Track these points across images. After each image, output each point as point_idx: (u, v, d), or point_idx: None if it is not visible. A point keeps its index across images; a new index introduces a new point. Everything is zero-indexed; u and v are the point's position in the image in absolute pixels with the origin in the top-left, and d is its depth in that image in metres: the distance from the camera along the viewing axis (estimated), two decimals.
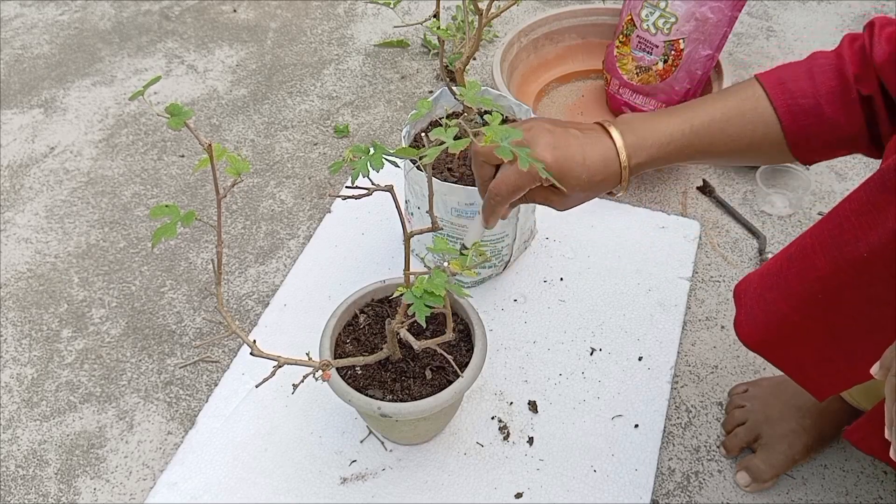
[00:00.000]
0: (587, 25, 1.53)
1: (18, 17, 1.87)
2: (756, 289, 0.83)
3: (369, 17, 1.81)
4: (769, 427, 0.97)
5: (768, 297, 0.81)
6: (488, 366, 1.08)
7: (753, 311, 0.83)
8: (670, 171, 1.37)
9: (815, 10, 1.75)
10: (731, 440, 0.99)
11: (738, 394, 1.03)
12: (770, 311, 0.81)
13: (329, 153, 1.45)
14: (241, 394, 1.07)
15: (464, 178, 1.09)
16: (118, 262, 1.28)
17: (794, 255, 0.78)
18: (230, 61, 1.69)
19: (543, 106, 1.50)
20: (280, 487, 0.97)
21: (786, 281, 0.78)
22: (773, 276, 0.81)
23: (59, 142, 1.51)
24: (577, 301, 1.17)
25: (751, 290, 0.84)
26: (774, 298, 0.80)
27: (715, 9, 1.30)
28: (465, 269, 0.75)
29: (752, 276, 0.85)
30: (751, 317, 0.83)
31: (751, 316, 0.83)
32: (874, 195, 0.68)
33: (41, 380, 1.12)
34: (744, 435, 0.98)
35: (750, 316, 0.83)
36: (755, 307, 0.82)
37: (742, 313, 0.84)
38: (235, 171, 0.66)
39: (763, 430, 0.97)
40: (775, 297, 0.80)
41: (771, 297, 0.81)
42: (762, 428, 0.97)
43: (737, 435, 0.98)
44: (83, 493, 0.99)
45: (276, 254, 1.27)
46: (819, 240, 0.75)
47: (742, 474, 0.96)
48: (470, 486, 0.97)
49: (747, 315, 0.83)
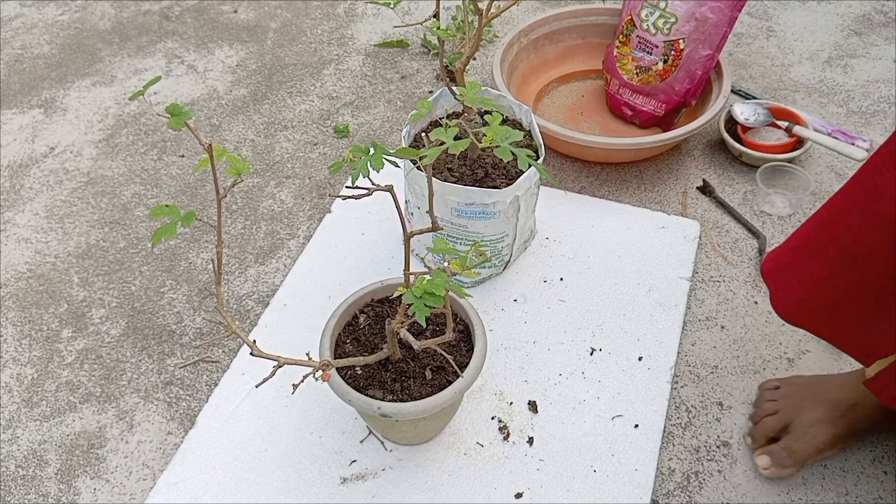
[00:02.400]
0: (587, 25, 1.53)
1: (18, 17, 1.87)
2: (789, 261, 0.80)
3: (369, 17, 1.81)
4: (797, 416, 0.96)
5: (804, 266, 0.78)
6: (488, 366, 1.08)
7: (790, 283, 0.79)
8: (670, 171, 1.37)
9: (815, 10, 1.75)
10: (759, 429, 0.98)
11: (769, 388, 1.02)
12: (808, 280, 0.77)
13: (329, 153, 1.45)
14: (241, 394, 1.07)
15: (464, 178, 1.09)
16: (118, 262, 1.28)
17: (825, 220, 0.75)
18: (230, 61, 1.69)
19: (543, 106, 1.50)
20: (280, 487, 0.97)
21: (822, 246, 0.75)
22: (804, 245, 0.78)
23: (59, 142, 1.51)
24: (577, 301, 1.17)
25: (783, 265, 0.81)
26: (811, 267, 0.77)
27: (715, 9, 1.30)
28: (465, 269, 0.75)
29: (780, 252, 0.81)
30: (787, 291, 0.80)
31: (787, 290, 0.80)
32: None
33: (41, 380, 1.12)
34: (772, 424, 0.97)
35: (787, 290, 0.80)
36: (792, 279, 0.79)
37: (777, 289, 0.81)
38: (235, 171, 0.66)
39: (791, 420, 0.96)
40: (812, 265, 0.77)
41: (807, 266, 0.77)
42: (791, 417, 0.96)
43: (765, 424, 0.97)
44: (83, 494, 0.99)
45: (276, 254, 1.27)
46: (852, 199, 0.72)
47: (763, 457, 0.95)
48: (470, 486, 0.97)
49: (784, 289, 0.80)
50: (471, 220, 1.07)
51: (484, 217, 1.07)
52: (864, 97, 1.51)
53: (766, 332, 1.12)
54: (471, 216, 1.06)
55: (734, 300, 1.17)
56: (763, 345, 1.11)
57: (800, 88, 1.54)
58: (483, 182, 1.08)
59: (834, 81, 1.55)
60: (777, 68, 1.59)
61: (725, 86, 1.34)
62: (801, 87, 1.55)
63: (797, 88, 1.54)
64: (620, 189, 1.34)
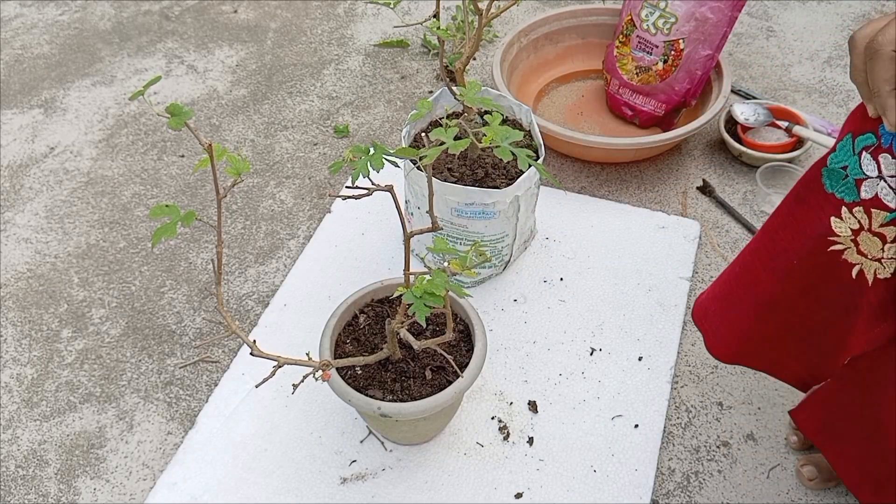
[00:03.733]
0: (587, 25, 1.53)
1: (18, 17, 1.87)
2: (714, 311, 0.89)
3: (369, 17, 1.81)
4: None
5: (728, 316, 0.86)
6: (488, 366, 1.08)
7: (719, 330, 0.88)
8: (670, 171, 1.37)
9: (815, 10, 1.75)
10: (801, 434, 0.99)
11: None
12: (734, 328, 0.86)
13: (329, 153, 1.45)
14: (241, 394, 1.07)
15: (464, 178, 1.09)
16: (118, 262, 1.28)
17: (739, 274, 0.84)
18: (230, 61, 1.69)
19: (543, 106, 1.50)
20: (280, 487, 0.97)
21: (739, 299, 0.84)
22: (725, 297, 0.87)
23: (59, 142, 1.51)
24: (577, 301, 1.17)
25: (709, 314, 0.90)
26: (734, 317, 0.86)
27: (715, 9, 1.30)
28: (465, 269, 0.75)
29: (706, 301, 0.90)
30: (717, 336, 0.89)
31: (717, 336, 0.89)
32: (793, 207, 0.75)
33: (41, 380, 1.12)
34: None
35: (717, 336, 0.89)
36: (719, 327, 0.88)
37: (709, 335, 0.90)
38: (235, 171, 0.66)
39: None
40: (734, 315, 0.86)
41: (730, 316, 0.86)
42: None
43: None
44: (83, 494, 0.99)
45: (276, 254, 1.27)
46: (757, 255, 0.81)
47: (809, 468, 0.95)
48: (470, 486, 0.97)
49: (714, 335, 0.89)
50: (471, 220, 1.07)
51: (484, 217, 1.07)
52: None
53: None
54: (471, 216, 1.06)
55: None
56: None
57: (800, 88, 1.54)
58: (483, 182, 1.08)
59: (834, 81, 1.55)
60: (777, 68, 1.59)
61: (725, 86, 1.34)
62: (801, 87, 1.55)
63: (797, 88, 1.54)
64: (620, 189, 1.34)
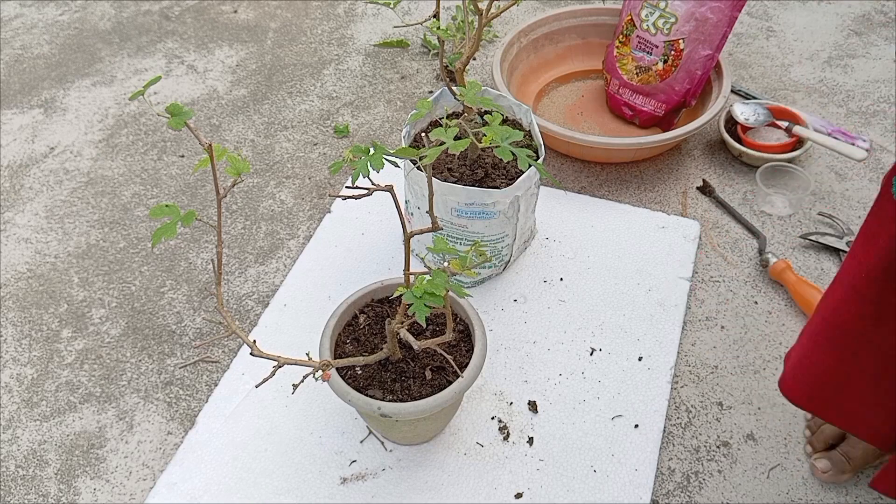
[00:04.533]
0: (587, 25, 1.53)
1: (18, 17, 1.87)
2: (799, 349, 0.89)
3: (369, 17, 1.81)
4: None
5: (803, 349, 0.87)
6: (488, 366, 1.08)
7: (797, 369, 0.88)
8: (670, 171, 1.37)
9: (815, 10, 1.75)
10: (818, 436, 0.99)
11: None
12: (804, 360, 0.86)
13: (329, 153, 1.45)
14: (241, 394, 1.07)
15: (464, 178, 1.09)
16: (118, 262, 1.28)
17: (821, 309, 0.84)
18: (230, 61, 1.69)
19: (543, 106, 1.50)
20: (280, 487, 0.97)
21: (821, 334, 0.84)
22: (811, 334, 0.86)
23: (59, 142, 1.51)
24: (577, 301, 1.17)
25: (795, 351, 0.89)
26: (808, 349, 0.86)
27: (715, 9, 1.30)
28: (465, 269, 0.75)
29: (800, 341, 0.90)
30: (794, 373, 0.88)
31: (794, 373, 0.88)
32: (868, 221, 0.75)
33: (41, 380, 1.12)
34: (830, 431, 0.98)
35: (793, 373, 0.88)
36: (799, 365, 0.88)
37: (787, 372, 0.90)
38: (235, 171, 0.66)
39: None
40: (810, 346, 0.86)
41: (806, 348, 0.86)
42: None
43: (823, 432, 0.98)
44: (83, 494, 0.99)
45: (276, 254, 1.27)
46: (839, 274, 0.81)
47: (823, 461, 0.96)
48: (470, 486, 0.97)
49: (791, 372, 0.89)
50: (471, 221, 1.07)
51: (484, 217, 1.07)
52: (863, 97, 1.51)
53: (766, 332, 1.12)
54: (471, 216, 1.06)
55: (734, 300, 1.17)
56: (763, 345, 1.11)
57: (800, 88, 1.54)
58: (483, 182, 1.08)
59: (834, 81, 1.55)
60: (777, 68, 1.59)
61: (725, 86, 1.34)
62: (801, 87, 1.55)
63: (797, 88, 1.54)
64: (620, 189, 1.34)
